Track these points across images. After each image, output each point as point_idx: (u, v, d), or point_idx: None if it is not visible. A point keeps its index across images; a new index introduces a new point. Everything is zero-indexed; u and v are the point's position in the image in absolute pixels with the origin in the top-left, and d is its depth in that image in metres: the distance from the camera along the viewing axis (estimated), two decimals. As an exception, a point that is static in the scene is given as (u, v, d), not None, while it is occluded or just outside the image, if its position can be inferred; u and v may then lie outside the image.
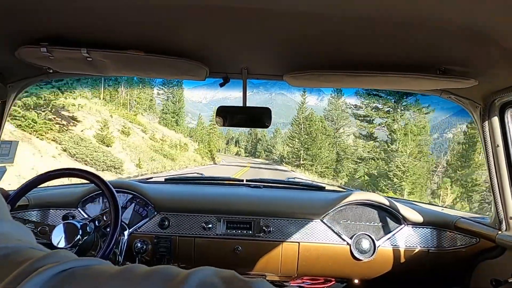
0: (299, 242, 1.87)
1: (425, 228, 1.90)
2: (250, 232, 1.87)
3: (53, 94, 17.34)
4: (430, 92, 1.67)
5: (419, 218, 1.91)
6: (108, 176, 16.91)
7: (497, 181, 1.61)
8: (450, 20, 0.97)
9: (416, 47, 1.20)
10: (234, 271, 0.37)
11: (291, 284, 2.05)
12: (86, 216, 1.87)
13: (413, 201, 2.29)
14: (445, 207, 2.19)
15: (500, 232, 1.63)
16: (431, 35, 1.09)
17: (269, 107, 1.66)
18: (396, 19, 0.99)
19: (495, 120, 1.58)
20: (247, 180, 2.33)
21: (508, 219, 1.60)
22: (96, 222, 1.59)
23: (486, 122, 1.60)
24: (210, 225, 1.87)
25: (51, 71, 1.56)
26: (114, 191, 1.56)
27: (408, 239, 1.88)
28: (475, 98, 1.61)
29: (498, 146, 1.59)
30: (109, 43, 1.23)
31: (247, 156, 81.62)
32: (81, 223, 1.52)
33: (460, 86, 1.41)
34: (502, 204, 1.61)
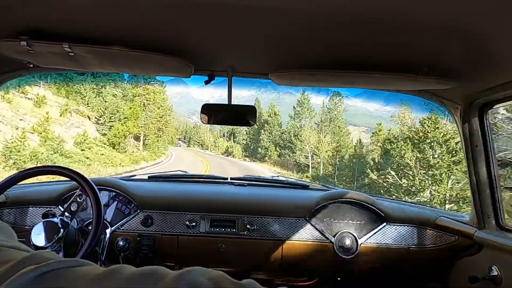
0: (282, 240, 1.88)
1: (406, 226, 1.93)
2: (234, 230, 1.87)
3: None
4: (412, 93, 1.70)
5: (400, 216, 1.94)
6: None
7: (476, 180, 1.65)
8: (434, 22, 0.99)
9: (400, 48, 1.23)
10: (224, 273, 0.37)
11: (275, 282, 2.05)
12: (67, 214, 1.84)
13: (394, 199, 2.33)
14: (426, 205, 2.24)
15: (478, 230, 1.68)
16: (415, 36, 1.11)
17: (254, 106, 1.67)
18: (381, 20, 1.01)
19: (475, 120, 1.62)
20: (231, 178, 2.32)
21: (486, 217, 1.65)
22: (72, 207, 1.55)
23: (466, 122, 1.64)
24: (194, 223, 1.86)
25: (31, 65, 1.52)
26: (96, 189, 1.54)
27: (389, 236, 1.91)
28: (456, 99, 1.64)
29: (477, 146, 1.63)
30: (93, 38, 1.21)
31: (245, 158, 47.94)
32: (60, 219, 1.49)
33: (442, 87, 1.44)
34: (480, 203, 1.65)
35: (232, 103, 1.65)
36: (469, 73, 1.36)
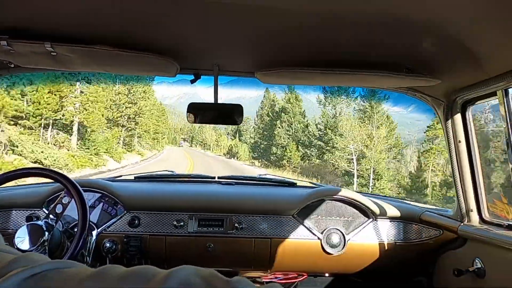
0: (271, 238, 1.88)
1: (392, 222, 1.96)
2: (222, 229, 1.86)
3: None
4: (397, 90, 1.73)
5: (387, 212, 1.96)
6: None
7: (459, 175, 1.68)
8: (416, 20, 1.01)
9: (384, 46, 1.24)
10: (215, 271, 0.36)
11: (264, 280, 2.06)
12: (52, 216, 1.81)
13: (381, 195, 2.36)
14: (412, 200, 2.28)
15: (461, 224, 1.71)
16: (398, 34, 1.13)
17: (241, 104, 1.66)
18: (364, 19, 1.02)
19: (458, 117, 1.65)
20: (219, 177, 2.32)
21: (469, 211, 1.68)
22: (57, 209, 1.52)
23: (449, 118, 1.67)
24: (181, 223, 1.84)
25: (12, 65, 1.49)
26: (81, 190, 1.51)
27: (376, 232, 1.94)
28: (439, 95, 1.67)
29: (460, 141, 1.66)
30: (76, 37, 1.18)
31: (253, 161, 36.48)
32: (44, 222, 1.46)
33: (425, 84, 1.47)
34: (463, 197, 1.69)
35: (238, 102, 1.65)
36: (450, 70, 1.39)
